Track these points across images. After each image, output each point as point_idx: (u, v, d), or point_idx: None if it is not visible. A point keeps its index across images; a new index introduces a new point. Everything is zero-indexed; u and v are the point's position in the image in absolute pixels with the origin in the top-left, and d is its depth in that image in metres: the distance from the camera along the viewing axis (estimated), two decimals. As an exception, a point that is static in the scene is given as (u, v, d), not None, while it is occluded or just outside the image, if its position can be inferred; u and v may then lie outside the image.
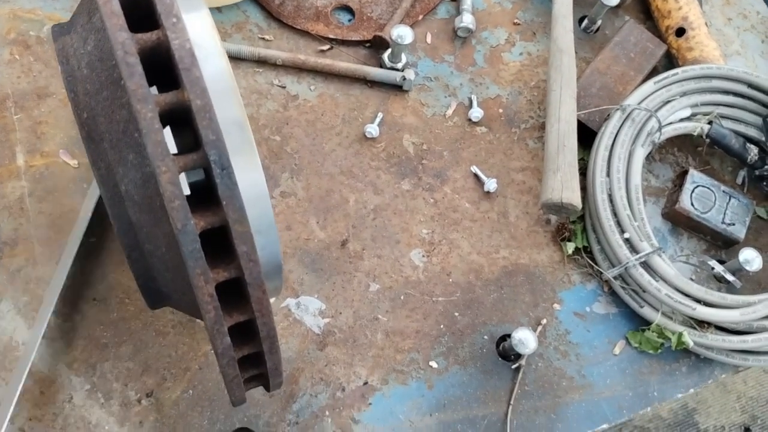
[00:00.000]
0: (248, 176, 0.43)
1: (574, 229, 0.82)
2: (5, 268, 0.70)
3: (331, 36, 0.88)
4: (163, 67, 0.35)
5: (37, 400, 0.66)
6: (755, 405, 1.74)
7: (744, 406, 1.74)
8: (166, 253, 0.42)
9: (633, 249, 0.76)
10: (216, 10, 0.87)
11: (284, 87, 0.84)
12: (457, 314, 0.76)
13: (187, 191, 0.42)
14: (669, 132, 0.84)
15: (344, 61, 0.86)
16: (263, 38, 0.87)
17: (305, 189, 0.79)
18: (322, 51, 0.88)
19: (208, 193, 0.37)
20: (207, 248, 0.38)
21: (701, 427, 1.67)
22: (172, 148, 0.41)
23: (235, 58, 0.84)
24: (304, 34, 0.88)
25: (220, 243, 0.38)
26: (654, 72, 0.90)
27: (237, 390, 0.44)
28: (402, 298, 0.76)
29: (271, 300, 0.73)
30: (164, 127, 0.37)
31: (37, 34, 0.81)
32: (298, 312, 0.74)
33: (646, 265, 0.75)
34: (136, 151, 0.39)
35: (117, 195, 0.42)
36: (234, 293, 0.40)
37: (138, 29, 0.35)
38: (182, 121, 0.36)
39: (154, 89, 0.40)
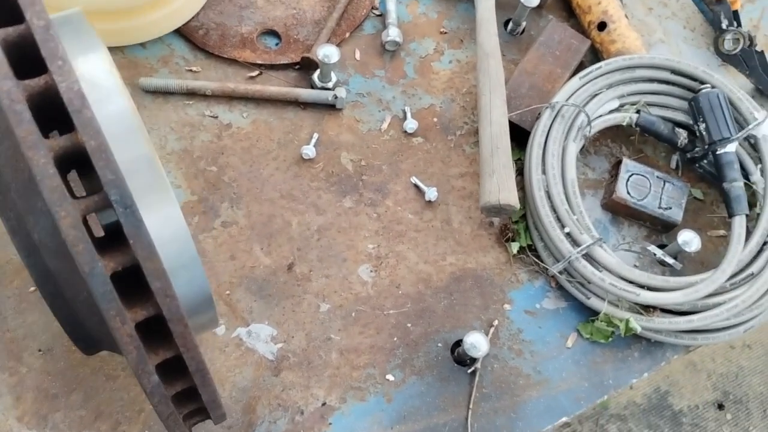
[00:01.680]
0: (163, 212, 0.42)
1: (517, 229, 0.83)
2: (-59, 329, 0.68)
3: (260, 61, 0.88)
4: (56, 112, 0.35)
5: (-14, 461, 0.64)
6: (726, 381, 1.78)
7: (715, 383, 1.77)
8: (88, 298, 0.42)
9: (575, 242, 0.77)
10: (140, 46, 0.87)
11: (216, 117, 0.84)
12: (409, 325, 0.77)
13: (100, 233, 0.41)
14: (599, 124, 0.86)
15: (275, 86, 0.86)
16: (191, 70, 0.87)
17: (246, 216, 0.79)
18: (252, 77, 0.88)
19: (118, 234, 0.37)
20: (124, 289, 0.37)
21: (675, 408, 1.70)
22: (81, 193, 0.41)
23: (164, 93, 0.84)
24: (232, 62, 0.88)
25: (136, 282, 0.38)
26: (581, 67, 0.92)
27: (176, 427, 0.44)
28: (353, 315, 0.76)
29: (219, 330, 0.73)
30: (67, 171, 0.37)
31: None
32: (250, 340, 0.73)
33: (589, 257, 0.77)
34: (42, 198, 0.38)
35: (31, 245, 0.42)
36: (158, 330, 0.40)
37: (26, 75, 0.35)
38: (83, 163, 0.36)
39: (56, 134, 0.40)
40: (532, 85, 0.90)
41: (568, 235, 0.77)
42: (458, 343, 0.75)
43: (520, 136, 0.87)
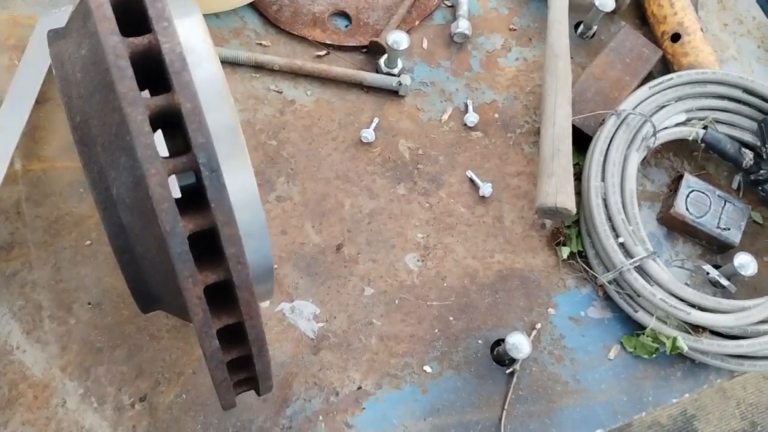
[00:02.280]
0: (239, 180, 0.43)
1: (569, 234, 0.82)
2: (1, 272, 0.70)
3: (328, 41, 0.88)
4: (154, 71, 0.36)
5: (30, 404, 0.66)
6: (755, 411, 1.74)
7: (744, 412, 1.73)
8: (157, 256, 0.43)
9: (628, 253, 0.76)
10: (214, 16, 0.87)
11: (281, 92, 0.85)
12: (451, 318, 0.76)
13: (177, 194, 0.42)
14: (664, 137, 0.84)
15: (341, 67, 0.86)
16: (260, 44, 0.87)
17: (301, 193, 0.80)
18: (319, 56, 0.88)
19: (198, 196, 0.38)
20: (196, 251, 0.38)
21: (700, 433, 1.67)
22: (164, 152, 0.41)
23: (232, 64, 0.85)
24: (301, 39, 0.88)
25: (209, 246, 0.39)
26: (649, 77, 0.91)
27: (226, 394, 0.44)
28: (396, 302, 0.76)
29: (264, 304, 0.73)
30: (155, 130, 0.37)
31: (34, 39, 0.81)
32: (293, 316, 0.74)
33: (641, 270, 0.75)
34: (128, 154, 0.39)
35: (109, 198, 0.42)
36: (223, 296, 0.40)
37: (130, 33, 0.36)
38: (173, 124, 0.36)
39: (146, 93, 0.41)
40: (599, 91, 0.88)
41: (622, 245, 0.76)
42: (499, 342, 0.75)
43: (581, 141, 0.85)
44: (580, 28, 0.97)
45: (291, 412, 0.69)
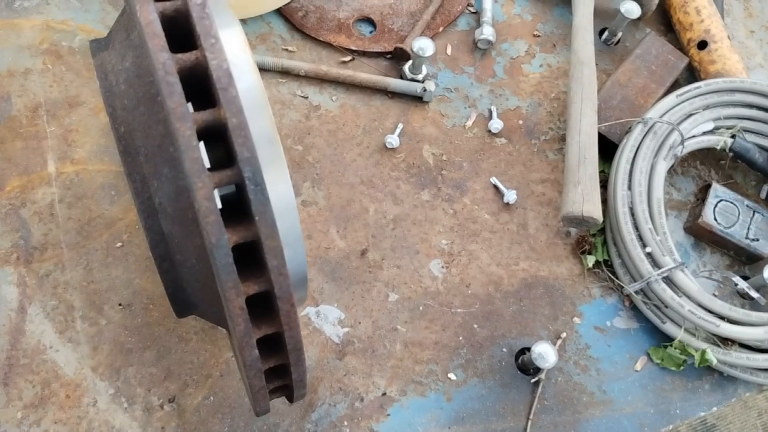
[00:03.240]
0: (277, 189, 0.43)
1: (595, 242, 0.82)
2: (35, 273, 0.71)
3: (353, 47, 0.89)
4: (200, 86, 0.36)
5: (62, 403, 0.67)
6: (775, 420, 1.72)
7: (765, 423, 1.71)
8: (196, 265, 0.43)
9: (655, 263, 0.75)
10: (241, 22, 0.88)
11: (306, 97, 0.85)
12: (476, 326, 0.77)
13: (219, 204, 0.42)
14: (691, 145, 0.84)
15: (365, 72, 0.87)
16: (286, 49, 0.88)
17: (326, 198, 0.80)
18: (344, 62, 0.89)
19: (240, 208, 0.38)
20: (237, 261, 0.38)
21: (719, 442, 1.65)
22: (206, 162, 0.42)
23: (259, 69, 0.85)
24: (327, 45, 0.89)
25: (250, 256, 0.39)
26: (676, 85, 0.90)
27: (262, 401, 0.45)
28: (421, 308, 0.77)
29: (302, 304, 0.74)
30: (202, 140, 0.38)
31: (69, 44, 0.82)
32: (318, 321, 0.75)
33: (669, 280, 0.75)
34: (171, 165, 0.39)
35: (151, 207, 0.43)
36: (262, 305, 0.41)
37: (177, 48, 0.36)
38: (216, 136, 0.37)
39: (190, 105, 0.41)
40: (624, 98, 0.88)
41: (649, 255, 0.76)
42: (523, 350, 0.75)
43: (607, 149, 0.85)
44: (605, 35, 0.96)
45: (316, 416, 0.70)
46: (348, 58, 0.89)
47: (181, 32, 0.36)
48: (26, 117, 0.78)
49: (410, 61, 0.87)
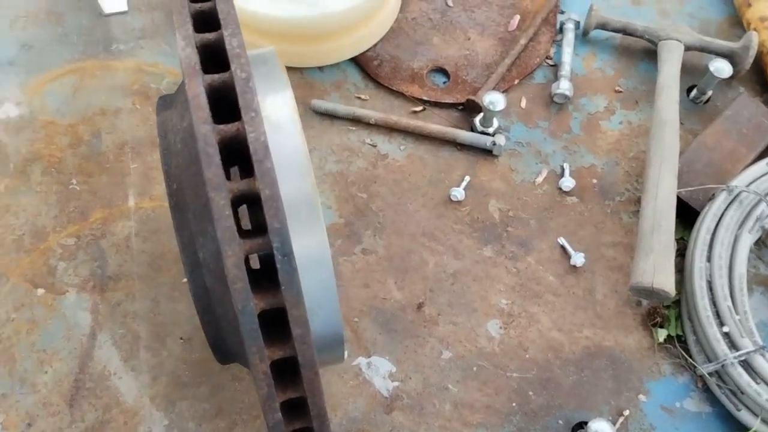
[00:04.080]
0: (314, 253, 0.44)
1: (668, 315, 0.77)
2: (107, 302, 0.76)
3: (425, 98, 0.89)
4: (241, 154, 0.38)
5: (120, 429, 0.70)
6: None
7: None
8: (234, 321, 0.44)
9: (733, 345, 0.70)
10: (317, 69, 0.91)
11: (375, 146, 0.87)
12: (531, 393, 0.73)
13: (257, 264, 0.43)
14: (783, 217, 0.77)
15: (436, 123, 0.87)
16: (359, 97, 0.90)
17: (386, 248, 0.80)
18: (415, 112, 0.89)
19: (271, 272, 0.39)
20: (267, 324, 0.39)
21: None
22: (247, 222, 0.43)
23: (331, 116, 0.88)
24: (399, 94, 0.90)
25: (278, 321, 0.40)
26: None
27: (287, 461, 0.45)
28: (474, 369, 0.74)
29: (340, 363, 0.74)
30: (240, 206, 0.39)
31: (157, 86, 0.88)
32: (369, 372, 0.74)
33: (747, 364, 0.69)
34: (214, 225, 0.41)
35: (196, 261, 0.45)
36: (289, 369, 0.41)
37: (224, 116, 0.38)
38: (253, 204, 0.38)
39: (235, 170, 0.43)
40: (710, 162, 0.83)
41: (727, 335, 0.70)
42: (581, 425, 0.71)
43: (687, 215, 0.80)
44: (693, 93, 0.91)
45: (357, 471, 0.69)
46: (419, 108, 0.90)
47: (228, 102, 0.38)
48: (113, 153, 0.83)
49: (481, 114, 0.87)
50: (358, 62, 0.92)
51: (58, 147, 0.84)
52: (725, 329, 0.70)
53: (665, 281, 0.70)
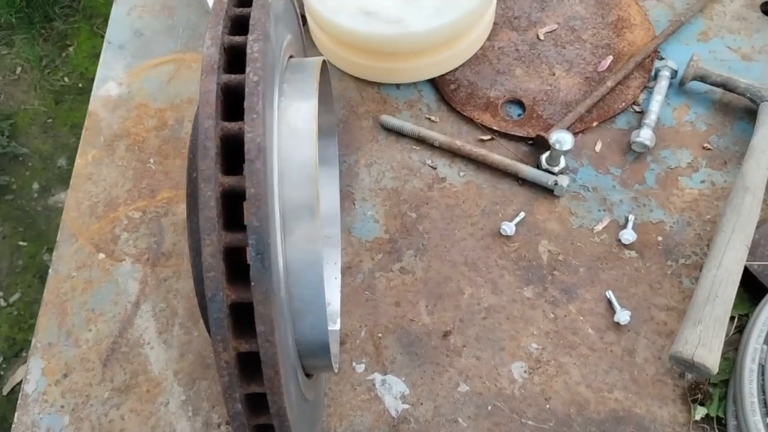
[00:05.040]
0: (307, 258, 0.45)
1: (713, 394, 0.70)
2: (156, 275, 0.81)
3: (495, 127, 0.88)
4: (240, 151, 0.40)
5: (142, 395, 0.75)
6: None
7: None
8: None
9: (776, 441, 0.63)
10: (394, 86, 0.93)
11: (435, 168, 0.87)
12: (543, 446, 0.70)
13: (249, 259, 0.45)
14: None
15: (500, 154, 0.86)
16: (429, 118, 0.90)
17: (425, 270, 0.80)
18: (482, 140, 0.88)
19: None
20: (240, 318, 0.40)
21: None
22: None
23: (397, 133, 0.89)
24: (469, 121, 0.89)
25: (250, 317, 0.41)
26: None
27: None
28: (489, 408, 0.72)
29: (353, 365, 0.74)
30: (232, 201, 0.41)
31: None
32: (381, 389, 0.74)
33: (789, 467, 0.61)
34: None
35: (197, 248, 0.47)
36: (257, 364, 0.42)
37: (234, 115, 0.40)
38: (241, 199, 0.40)
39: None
40: (794, 238, 0.75)
41: (771, 429, 0.63)
42: (588, 490, 0.66)
43: (755, 290, 0.73)
44: (792, 161, 0.83)
45: (350, 485, 0.69)
46: (487, 137, 0.89)
47: (239, 102, 0.40)
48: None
49: (549, 152, 0.84)
50: (435, 84, 0.92)
51: (144, 128, 0.92)
52: (771, 423, 0.63)
53: (708, 356, 0.64)
